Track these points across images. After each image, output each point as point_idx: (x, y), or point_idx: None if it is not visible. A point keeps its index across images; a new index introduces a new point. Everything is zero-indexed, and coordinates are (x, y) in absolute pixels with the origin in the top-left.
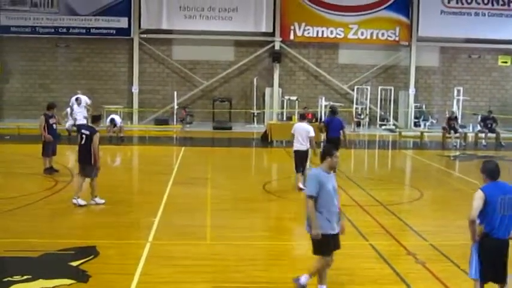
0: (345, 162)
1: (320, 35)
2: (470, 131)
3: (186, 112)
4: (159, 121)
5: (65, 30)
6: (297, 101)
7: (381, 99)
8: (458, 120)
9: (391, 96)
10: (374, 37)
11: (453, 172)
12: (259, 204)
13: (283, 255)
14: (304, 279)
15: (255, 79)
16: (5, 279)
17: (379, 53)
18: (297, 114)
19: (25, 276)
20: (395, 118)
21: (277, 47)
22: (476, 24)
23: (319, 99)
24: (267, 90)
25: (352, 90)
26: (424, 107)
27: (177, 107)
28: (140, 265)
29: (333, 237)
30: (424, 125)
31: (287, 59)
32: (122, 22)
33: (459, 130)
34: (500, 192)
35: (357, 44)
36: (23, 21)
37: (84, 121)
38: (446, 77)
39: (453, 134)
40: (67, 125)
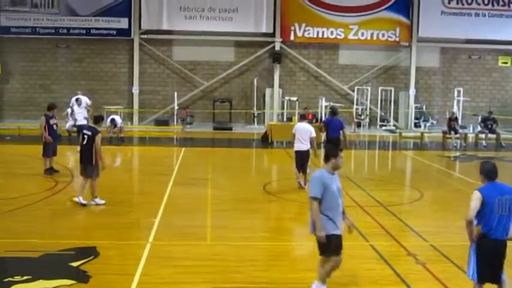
0: (345, 163)
1: (320, 36)
2: (471, 131)
3: (186, 112)
4: (159, 122)
5: (65, 30)
6: (297, 102)
7: (381, 100)
8: (459, 120)
9: (391, 97)
10: (374, 38)
11: (453, 173)
12: (260, 205)
13: (283, 256)
14: (315, 287)
15: (255, 80)
16: (6, 280)
17: (379, 53)
18: (297, 114)
19: (25, 277)
20: (395, 119)
21: (277, 47)
22: (477, 24)
23: (319, 99)
24: (267, 91)
25: (353, 90)
26: (424, 107)
27: (178, 107)
28: (140, 266)
29: (337, 237)
30: (425, 125)
31: (287, 60)
32: (122, 23)
33: (459, 131)
34: (498, 193)
35: (357, 44)
36: (24, 21)
37: (84, 122)
38: (447, 78)
39: (453, 134)
40: (67, 126)
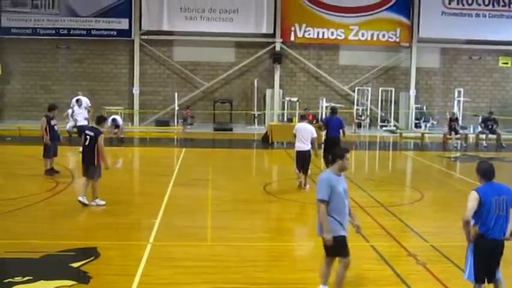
0: None
1: (321, 36)
2: (471, 132)
3: (187, 113)
4: (159, 122)
5: (65, 31)
6: (297, 102)
7: (382, 101)
8: (459, 121)
9: (391, 98)
10: (375, 38)
11: (454, 173)
12: (260, 206)
13: (283, 256)
14: None
15: (255, 80)
16: (6, 281)
17: (379, 54)
18: (297, 115)
19: (26, 278)
20: (396, 119)
21: (277, 48)
22: (477, 25)
23: (319, 100)
24: (268, 92)
25: (353, 91)
26: (424, 108)
27: (178, 108)
28: (141, 266)
29: (343, 238)
30: (425, 126)
31: (288, 60)
32: (123, 23)
33: (460, 131)
34: (495, 193)
35: (357, 45)
36: (24, 22)
37: (85, 122)
38: (447, 78)
39: (454, 135)
40: (68, 126)
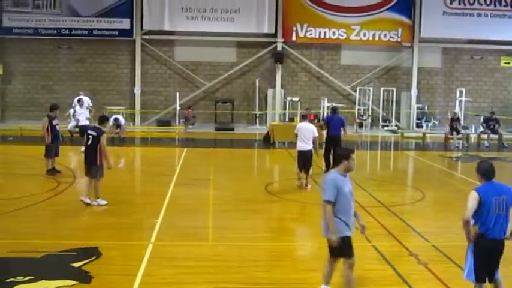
0: None
1: (322, 36)
2: (473, 132)
3: (189, 113)
4: (161, 122)
5: (67, 31)
6: (299, 102)
7: (383, 100)
8: (461, 121)
9: (393, 97)
10: (376, 38)
11: (455, 173)
12: (262, 205)
13: (285, 256)
14: None
15: (257, 80)
16: (8, 280)
17: (381, 54)
18: (299, 115)
19: (27, 277)
20: (397, 119)
21: (279, 48)
22: (479, 25)
23: (321, 100)
24: (269, 91)
25: (355, 91)
26: (426, 108)
27: (182, 108)
28: (142, 266)
29: (349, 239)
30: (427, 126)
31: (289, 60)
32: (124, 23)
33: (461, 131)
34: (495, 193)
35: (359, 45)
36: (26, 22)
37: (86, 122)
38: (449, 78)
39: (455, 135)
40: (69, 126)
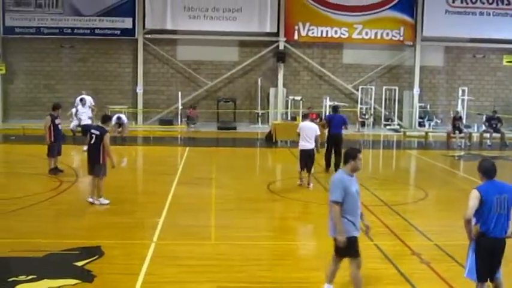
0: None
1: (324, 35)
2: (475, 131)
3: (191, 112)
4: (163, 121)
5: (69, 30)
6: (301, 101)
7: (386, 99)
8: (463, 120)
9: (395, 96)
10: (378, 37)
11: (458, 172)
12: (264, 204)
13: (287, 255)
14: None
15: (259, 79)
16: (10, 279)
17: (383, 52)
18: (301, 114)
19: (30, 276)
20: (399, 118)
21: (281, 47)
22: (481, 23)
23: (323, 99)
24: (272, 90)
25: (357, 90)
26: (428, 107)
27: (184, 107)
28: (145, 265)
29: (356, 239)
30: (429, 125)
31: (291, 59)
32: (126, 22)
33: (464, 130)
34: (496, 192)
35: (361, 43)
36: (28, 22)
37: (89, 121)
38: (451, 77)
39: (458, 134)
40: (72, 125)
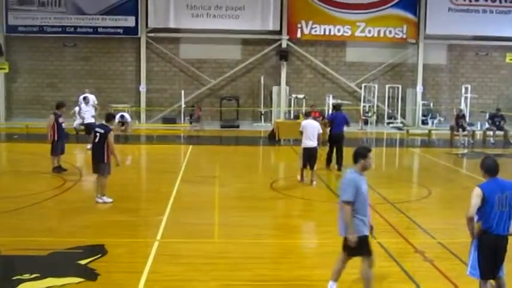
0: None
1: (327, 33)
2: (478, 128)
3: (195, 112)
4: (166, 120)
5: (72, 29)
6: (304, 99)
7: (389, 97)
8: (466, 118)
9: (398, 94)
10: (381, 35)
11: (461, 170)
12: (267, 203)
13: (290, 253)
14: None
15: (262, 77)
16: (14, 278)
17: (386, 50)
18: (304, 112)
19: (34, 275)
20: (402, 116)
21: (284, 45)
22: (484, 21)
23: (326, 97)
24: (274, 89)
25: (360, 88)
26: (431, 104)
27: (187, 106)
28: (148, 263)
29: (366, 237)
30: (432, 122)
31: (294, 57)
32: (129, 21)
33: (467, 128)
34: (499, 190)
35: (364, 41)
36: (31, 20)
37: (92, 120)
38: (454, 75)
39: (461, 131)
40: (75, 124)
